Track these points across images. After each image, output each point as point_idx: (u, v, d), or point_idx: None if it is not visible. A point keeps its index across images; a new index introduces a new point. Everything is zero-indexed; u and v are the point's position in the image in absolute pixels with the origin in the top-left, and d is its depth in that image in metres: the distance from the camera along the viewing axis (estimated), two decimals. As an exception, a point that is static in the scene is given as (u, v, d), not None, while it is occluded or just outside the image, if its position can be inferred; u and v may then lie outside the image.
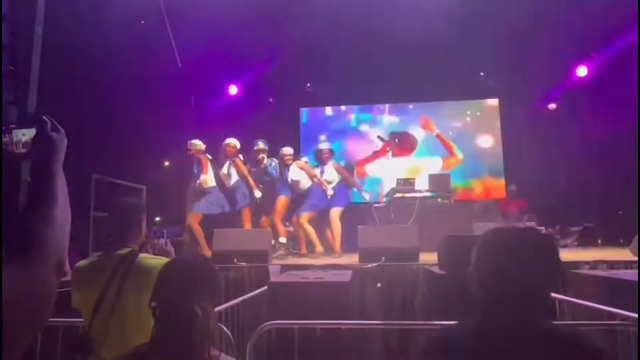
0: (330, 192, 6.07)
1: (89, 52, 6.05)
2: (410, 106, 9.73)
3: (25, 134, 0.90)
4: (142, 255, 1.91)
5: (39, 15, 4.08)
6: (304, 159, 6.64)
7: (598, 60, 8.31)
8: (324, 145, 6.55)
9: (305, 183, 6.23)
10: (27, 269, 0.67)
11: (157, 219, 7.32)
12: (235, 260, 4.62)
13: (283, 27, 7.10)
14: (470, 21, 7.14)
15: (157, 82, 7.37)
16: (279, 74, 8.66)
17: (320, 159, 6.41)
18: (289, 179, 6.22)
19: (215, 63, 8.14)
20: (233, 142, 6.32)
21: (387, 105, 9.78)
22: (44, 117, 0.85)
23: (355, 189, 7.13)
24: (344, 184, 6.42)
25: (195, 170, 6.13)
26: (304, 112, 9.92)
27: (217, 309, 2.79)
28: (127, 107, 7.11)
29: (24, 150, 0.87)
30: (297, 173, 6.23)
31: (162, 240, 2.12)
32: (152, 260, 1.87)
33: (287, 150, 6.44)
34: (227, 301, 3.40)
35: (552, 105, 9.01)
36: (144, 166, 7.30)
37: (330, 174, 6.27)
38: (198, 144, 6.19)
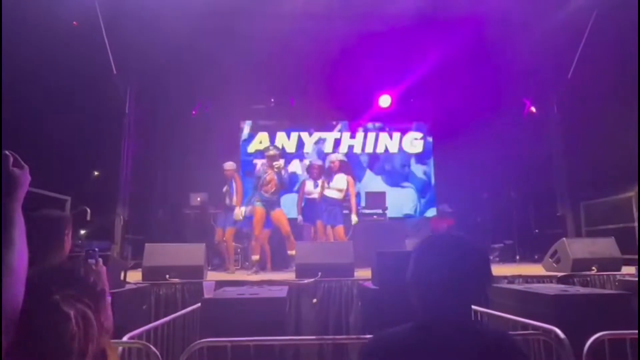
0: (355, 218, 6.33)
1: (12, 52, 5.60)
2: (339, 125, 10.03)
3: None
4: None
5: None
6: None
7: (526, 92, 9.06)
8: (335, 157, 6.60)
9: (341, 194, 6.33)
10: None
11: (82, 232, 6.85)
12: (167, 276, 4.44)
13: (226, 38, 7.08)
14: (405, 47, 7.58)
15: (89, 87, 6.96)
16: (218, 86, 8.57)
17: (330, 170, 6.49)
18: (332, 186, 6.28)
19: (151, 69, 7.87)
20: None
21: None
22: (6, 152, 0.77)
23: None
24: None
25: (229, 189, 6.51)
26: (246, 124, 9.84)
27: (145, 327, 2.67)
28: (53, 112, 6.64)
29: None
30: (343, 182, 6.31)
31: (93, 260, 1.98)
32: None
33: (337, 157, 6.45)
34: (157, 319, 3.26)
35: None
36: (70, 175, 6.82)
37: (340, 183, 6.36)
38: (232, 165, 6.61)
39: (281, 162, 6.18)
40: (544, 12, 6.84)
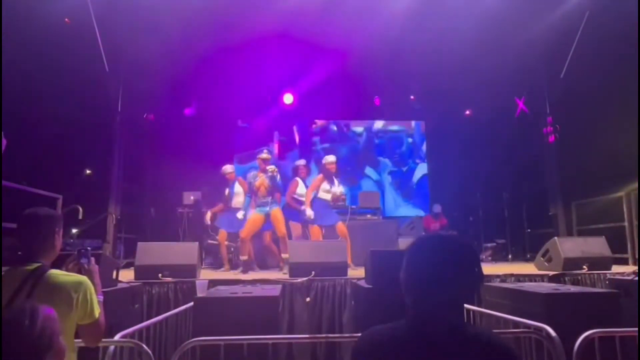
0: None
1: (2, 49, 5.54)
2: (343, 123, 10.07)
3: None
4: (53, 271, 1.77)
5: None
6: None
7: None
8: (332, 158, 6.44)
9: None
10: None
11: (74, 231, 6.79)
12: (160, 275, 4.42)
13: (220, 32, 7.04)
14: (400, 48, 7.59)
15: (81, 85, 6.89)
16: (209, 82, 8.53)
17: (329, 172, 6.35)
18: (333, 189, 6.23)
19: (144, 67, 7.81)
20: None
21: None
22: None
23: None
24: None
25: (230, 192, 6.51)
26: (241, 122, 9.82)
27: (138, 326, 2.66)
28: (45, 110, 6.57)
29: None
30: (341, 188, 6.35)
31: (86, 260, 1.98)
32: (64, 277, 1.75)
33: (332, 158, 6.36)
34: (149, 318, 3.24)
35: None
36: (61, 173, 6.76)
37: (339, 188, 6.35)
38: (231, 169, 6.62)
39: (274, 167, 6.06)
40: (537, 12, 6.88)
